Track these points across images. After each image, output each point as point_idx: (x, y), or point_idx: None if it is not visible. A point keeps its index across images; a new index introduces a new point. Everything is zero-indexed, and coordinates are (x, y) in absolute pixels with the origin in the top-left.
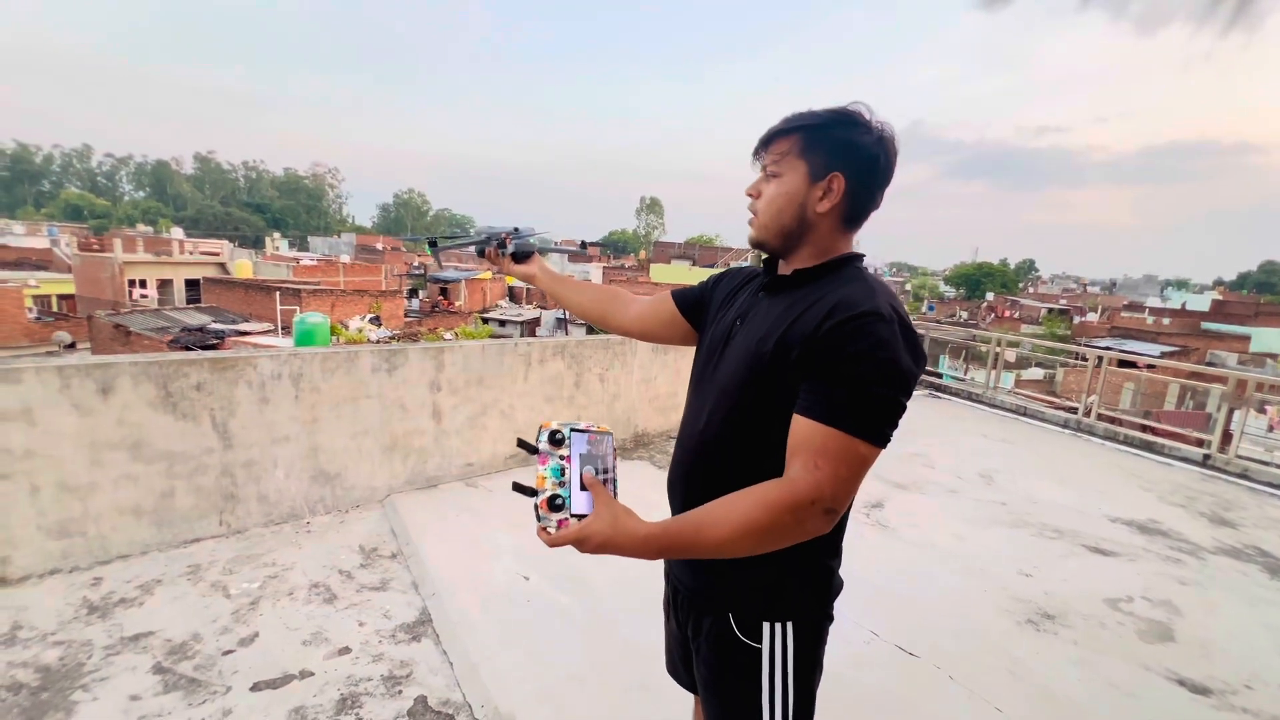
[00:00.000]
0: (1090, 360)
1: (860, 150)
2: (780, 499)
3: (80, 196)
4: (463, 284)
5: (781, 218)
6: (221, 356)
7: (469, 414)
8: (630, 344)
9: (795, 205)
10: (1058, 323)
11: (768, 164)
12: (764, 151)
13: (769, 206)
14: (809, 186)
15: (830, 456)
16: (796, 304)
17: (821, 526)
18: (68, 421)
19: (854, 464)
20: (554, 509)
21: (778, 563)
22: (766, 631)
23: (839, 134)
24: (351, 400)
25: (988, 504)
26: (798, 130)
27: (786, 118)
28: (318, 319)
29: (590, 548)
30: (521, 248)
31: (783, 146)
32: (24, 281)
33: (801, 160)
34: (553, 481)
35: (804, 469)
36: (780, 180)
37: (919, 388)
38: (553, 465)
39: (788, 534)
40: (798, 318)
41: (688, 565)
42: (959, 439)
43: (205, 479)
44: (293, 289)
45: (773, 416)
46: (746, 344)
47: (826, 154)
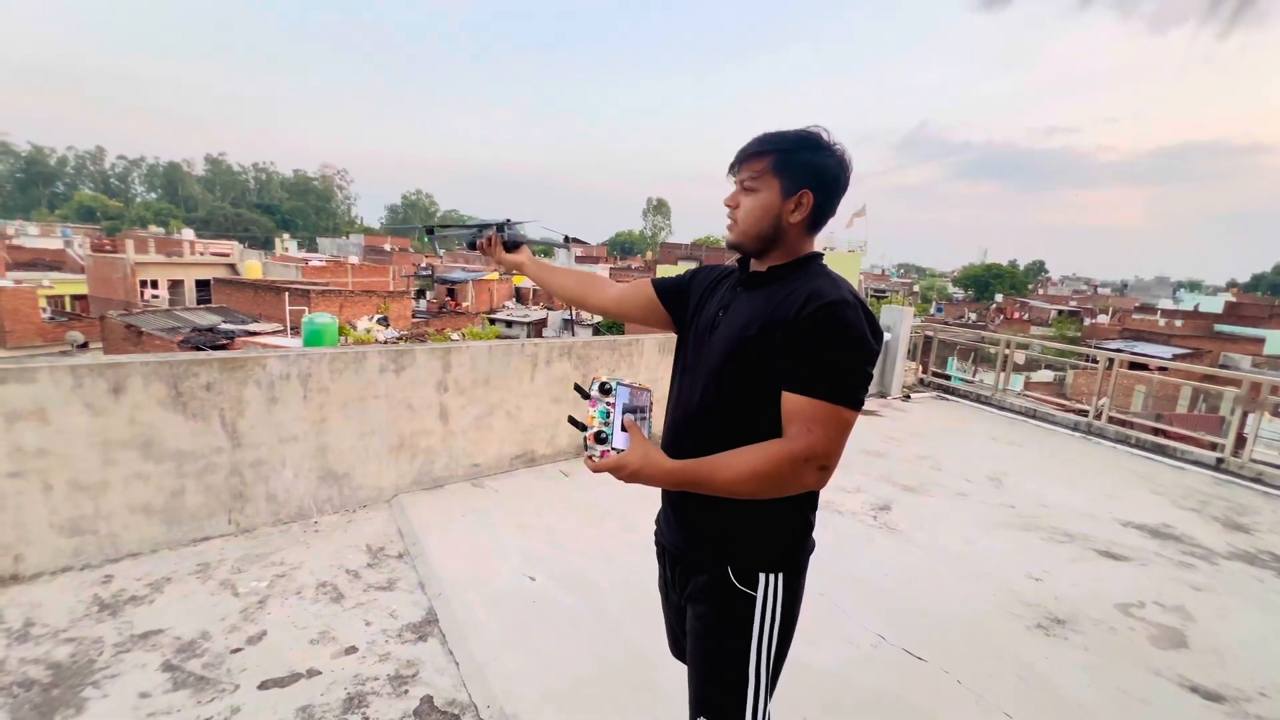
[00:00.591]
0: (1101, 362)
1: (824, 171)
2: (781, 453)
3: (93, 198)
4: (470, 285)
5: (760, 226)
6: (231, 357)
7: (476, 414)
8: (637, 345)
9: (771, 216)
10: (1068, 324)
11: (744, 180)
12: (740, 167)
13: (748, 217)
14: (782, 201)
15: (820, 422)
16: (774, 295)
17: (817, 481)
18: (80, 420)
19: (840, 426)
20: (600, 442)
21: (769, 515)
22: (761, 581)
23: (807, 157)
24: (359, 400)
25: (997, 507)
26: (771, 152)
27: (759, 139)
28: (326, 319)
29: (624, 475)
30: (514, 238)
31: (758, 166)
32: (38, 282)
33: (775, 178)
34: (600, 421)
35: (799, 432)
36: (757, 195)
37: (926, 390)
38: (600, 409)
39: (786, 483)
40: (777, 306)
41: (684, 529)
42: (968, 441)
43: (214, 478)
44: (301, 290)
45: (757, 392)
46: (731, 331)
47: (796, 174)
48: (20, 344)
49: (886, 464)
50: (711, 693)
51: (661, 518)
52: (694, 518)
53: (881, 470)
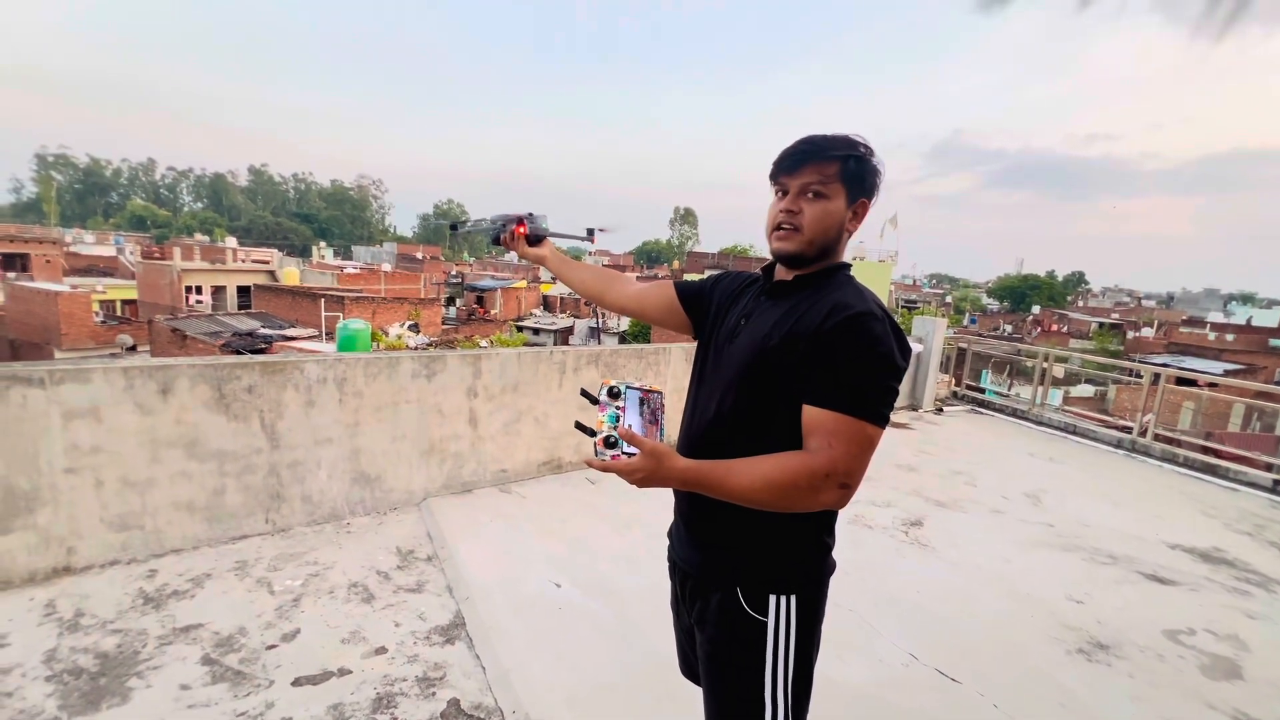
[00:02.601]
0: (1146, 377)
1: (878, 182)
2: (799, 465)
3: (144, 207)
4: (498, 293)
5: (827, 236)
6: (272, 360)
7: (504, 420)
8: (664, 353)
9: (838, 226)
10: (1109, 338)
11: (812, 184)
12: (803, 170)
13: (817, 225)
14: (848, 210)
15: (842, 437)
16: (799, 305)
17: (836, 499)
18: (130, 420)
19: (862, 442)
20: (609, 446)
21: (782, 536)
22: (772, 604)
23: (870, 166)
24: (392, 405)
25: (1035, 525)
26: (841, 159)
27: (824, 141)
28: (360, 325)
29: (637, 479)
30: (536, 231)
31: (828, 170)
32: (92, 287)
33: (842, 185)
34: (609, 425)
35: (820, 446)
36: (828, 202)
37: (959, 403)
38: (610, 413)
39: (803, 497)
40: (801, 316)
41: (695, 544)
42: (1003, 457)
43: (253, 478)
44: (337, 296)
45: (777, 403)
46: (753, 339)
47: (860, 183)
48: (74, 345)
49: (918, 478)
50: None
51: (673, 531)
52: (704, 531)
53: (913, 484)
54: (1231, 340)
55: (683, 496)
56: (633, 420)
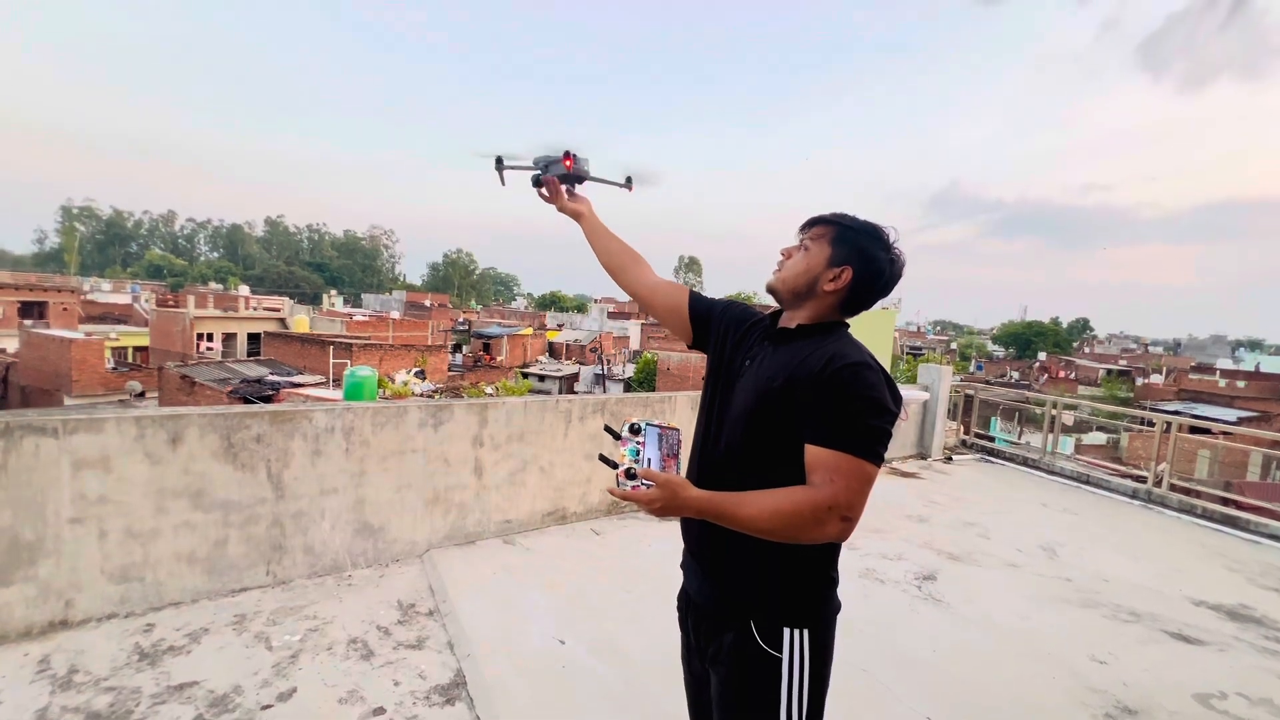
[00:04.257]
0: (1158, 425)
1: (872, 260)
2: (803, 497)
3: (162, 257)
4: (504, 339)
5: (797, 280)
6: (281, 410)
7: (509, 470)
8: (669, 401)
9: (810, 276)
10: (1118, 385)
11: (805, 238)
12: (807, 229)
13: (792, 268)
14: (826, 267)
15: (842, 473)
16: (799, 352)
17: (838, 531)
18: (139, 469)
19: (861, 478)
20: (630, 478)
21: (791, 566)
22: (786, 638)
23: (863, 241)
24: (398, 454)
25: (1052, 580)
26: (836, 225)
27: (834, 213)
28: (366, 372)
29: (655, 509)
30: (579, 171)
31: (821, 230)
32: (106, 334)
33: (829, 246)
34: (630, 459)
35: (823, 481)
36: (808, 254)
37: (969, 451)
38: (631, 448)
39: (808, 527)
40: (802, 363)
41: (707, 574)
42: (1016, 508)
43: (257, 529)
44: (345, 343)
45: (780, 443)
46: (757, 382)
47: (847, 250)
48: (84, 392)
49: (929, 530)
50: None
51: (685, 568)
52: (716, 562)
53: (924, 536)
54: (1243, 387)
55: (693, 531)
56: (652, 455)
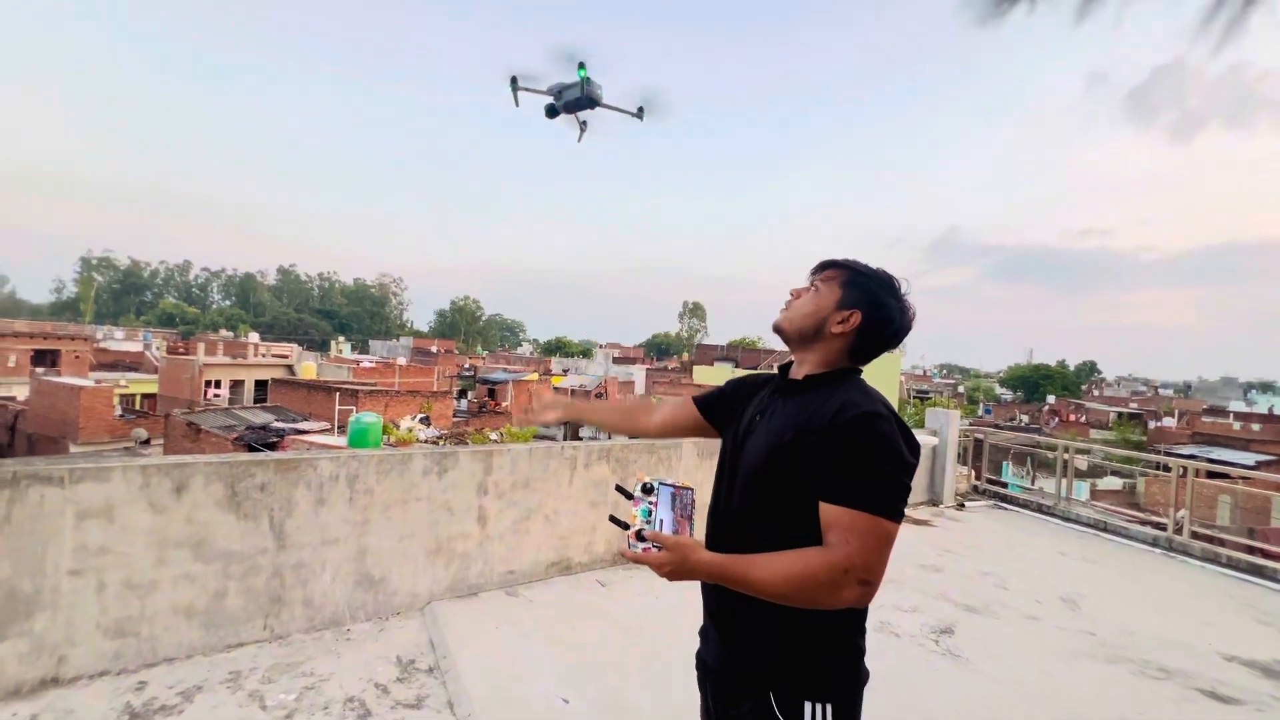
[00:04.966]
0: (1174, 470)
1: (882, 306)
2: (818, 560)
3: (175, 306)
4: (509, 385)
5: (804, 321)
6: (286, 458)
7: (514, 518)
8: (676, 448)
9: (818, 318)
10: (1130, 428)
11: (816, 280)
12: (819, 271)
13: (800, 308)
14: (834, 310)
15: (858, 532)
16: (809, 403)
17: (857, 596)
18: (142, 519)
19: (879, 537)
20: (641, 540)
21: (812, 635)
22: (808, 713)
23: (873, 287)
24: (402, 503)
25: (1074, 633)
26: (847, 269)
27: (846, 258)
28: (371, 419)
29: (665, 572)
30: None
31: (832, 273)
32: (115, 382)
33: (838, 289)
34: (642, 520)
35: (838, 542)
36: (817, 295)
37: (981, 498)
38: (643, 508)
39: (823, 592)
40: (811, 414)
41: (725, 640)
42: (1034, 557)
43: (257, 580)
44: (351, 390)
45: (794, 500)
46: (768, 436)
47: (857, 295)
48: (90, 439)
49: (944, 580)
50: None
51: (703, 632)
52: (734, 628)
53: (939, 587)
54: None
55: (711, 594)
56: (664, 515)
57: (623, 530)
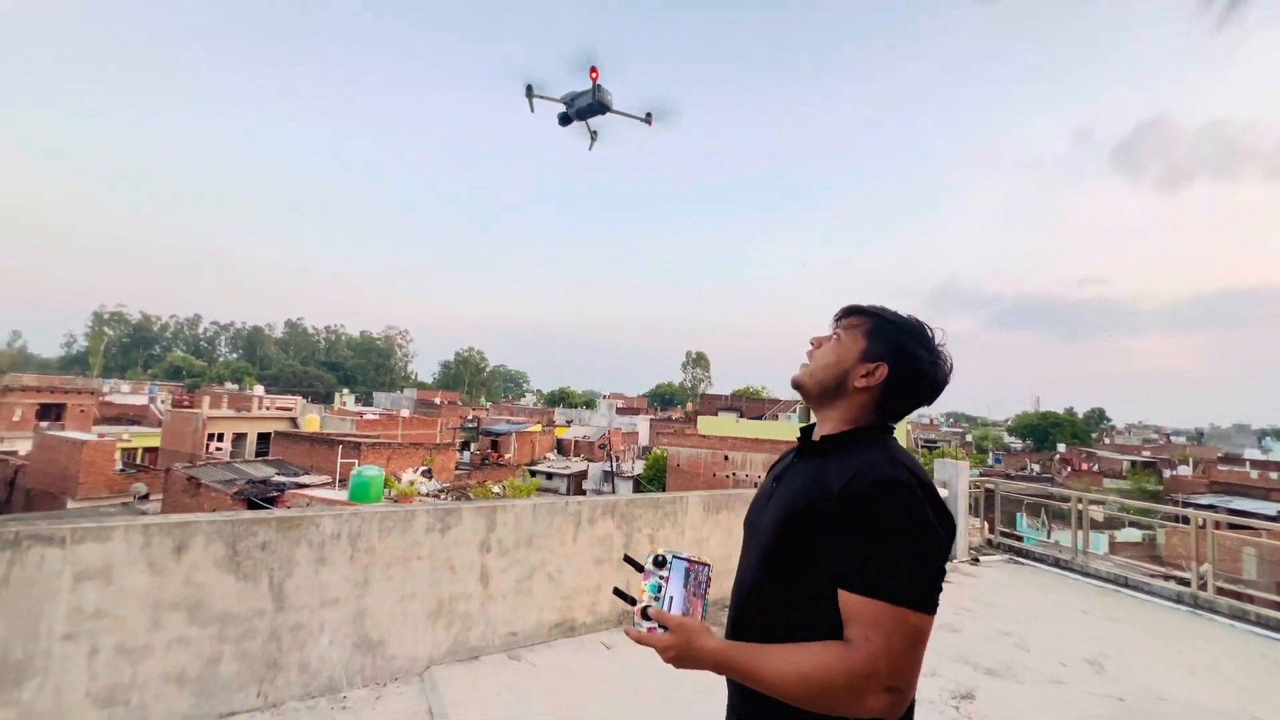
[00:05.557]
0: (1193, 522)
1: (911, 358)
2: (836, 660)
3: (183, 359)
4: (513, 436)
5: (825, 373)
6: (288, 515)
7: (516, 577)
8: (680, 503)
9: (840, 370)
10: (1145, 477)
11: (838, 328)
12: (841, 319)
13: (821, 359)
14: (857, 362)
15: (880, 628)
16: (825, 468)
17: (885, 706)
18: (140, 580)
19: (906, 635)
20: (647, 618)
21: None
22: None
23: (903, 337)
24: (403, 561)
25: (1103, 699)
26: (873, 316)
27: (871, 305)
28: (373, 472)
29: (669, 657)
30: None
31: (856, 321)
32: (119, 436)
33: (863, 339)
34: (650, 595)
35: (858, 639)
36: (839, 345)
37: (996, 552)
38: (652, 583)
39: (842, 700)
40: (826, 481)
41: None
42: (1054, 615)
43: (253, 644)
44: (353, 442)
45: (805, 570)
46: (784, 504)
47: (883, 346)
48: (89, 494)
49: (961, 640)
50: None
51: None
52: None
53: (957, 648)
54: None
55: (733, 686)
56: (675, 592)
57: (629, 605)
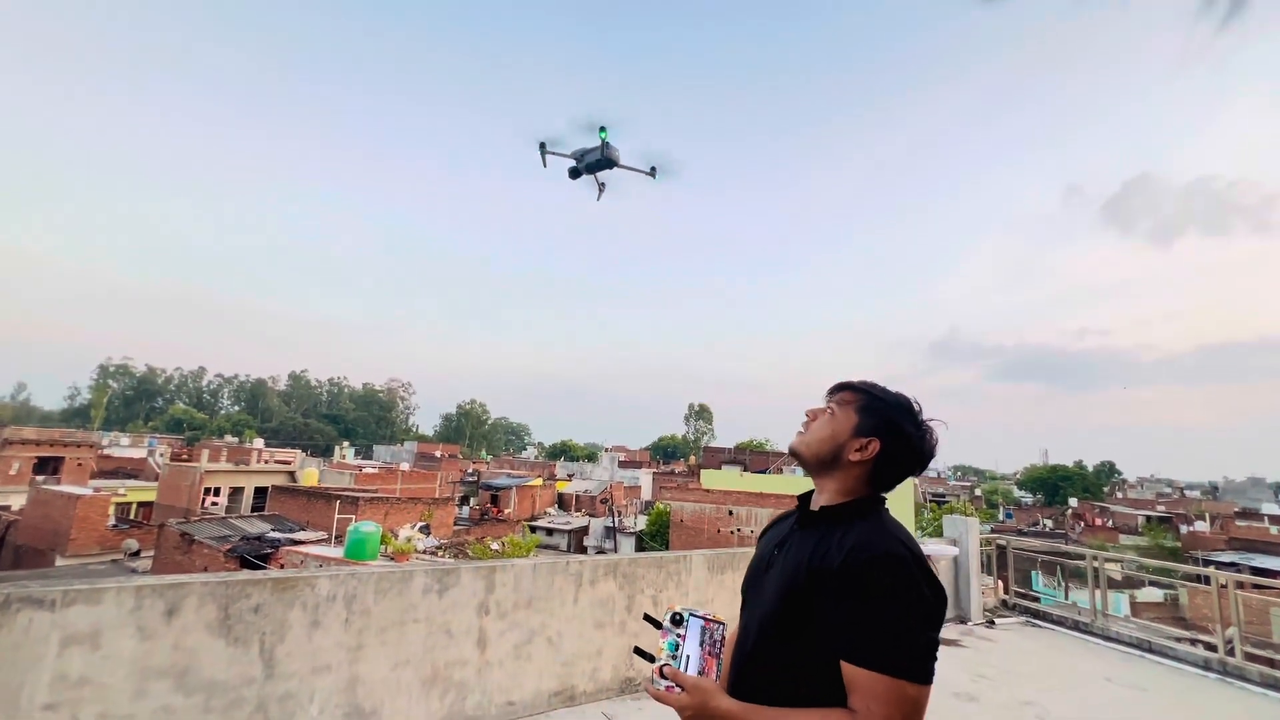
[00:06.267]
0: (1214, 582)
1: (902, 435)
2: None
3: (184, 411)
4: (513, 491)
5: (821, 446)
6: (284, 577)
7: (515, 641)
8: (685, 561)
9: (835, 444)
10: (1162, 533)
11: (832, 403)
12: (834, 394)
13: (817, 432)
14: (851, 437)
15: (881, 700)
16: (824, 540)
17: None
18: (128, 645)
19: (905, 706)
20: (664, 675)
21: None
22: None
23: (892, 414)
24: (399, 625)
25: None
26: (864, 393)
27: (863, 381)
28: (370, 528)
29: (686, 717)
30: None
31: (848, 397)
32: (114, 490)
33: (856, 415)
34: (667, 654)
35: (860, 709)
36: (834, 419)
37: (1012, 614)
38: (670, 640)
39: None
40: (825, 554)
41: None
42: (1076, 683)
43: (239, 714)
44: (351, 497)
45: (806, 637)
46: (784, 573)
47: (875, 422)
48: (79, 552)
49: (981, 711)
50: None
51: None
52: None
53: (976, 719)
54: None
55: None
56: (692, 651)
57: (649, 663)
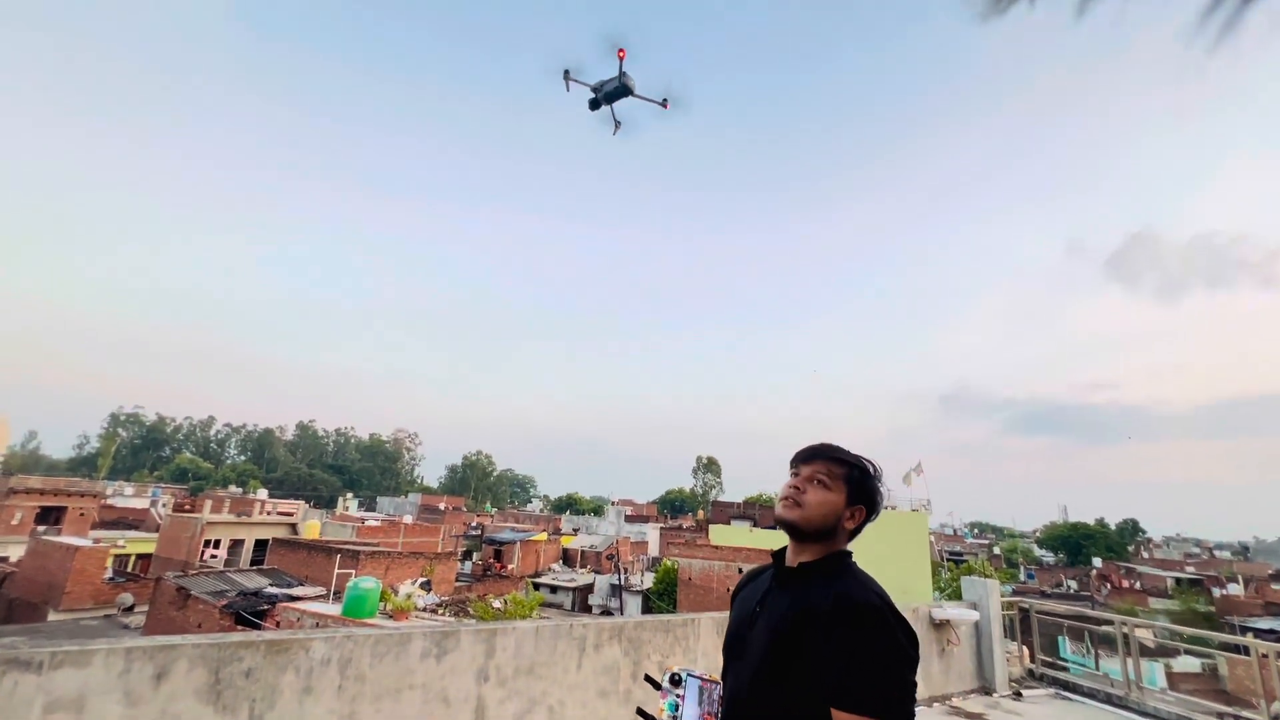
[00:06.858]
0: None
1: (876, 501)
2: None
3: (190, 461)
4: (517, 545)
5: (825, 519)
6: (278, 638)
7: (515, 711)
8: (692, 625)
9: (835, 515)
10: (1194, 596)
11: (818, 473)
12: (813, 463)
13: (817, 507)
14: (845, 508)
15: None
16: (806, 594)
17: None
18: (113, 712)
19: None
20: None
21: None
22: None
23: (871, 484)
24: (394, 692)
25: None
26: (849, 466)
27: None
28: (369, 584)
29: None
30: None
31: (835, 470)
32: (114, 541)
33: (845, 486)
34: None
35: None
36: (829, 493)
37: (1040, 684)
38: (670, 701)
39: None
40: (808, 605)
41: None
42: None
43: None
44: (352, 551)
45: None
46: (769, 626)
47: (860, 493)
48: (74, 606)
49: None
50: None
51: None
52: None
53: None
54: None
55: None
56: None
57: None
